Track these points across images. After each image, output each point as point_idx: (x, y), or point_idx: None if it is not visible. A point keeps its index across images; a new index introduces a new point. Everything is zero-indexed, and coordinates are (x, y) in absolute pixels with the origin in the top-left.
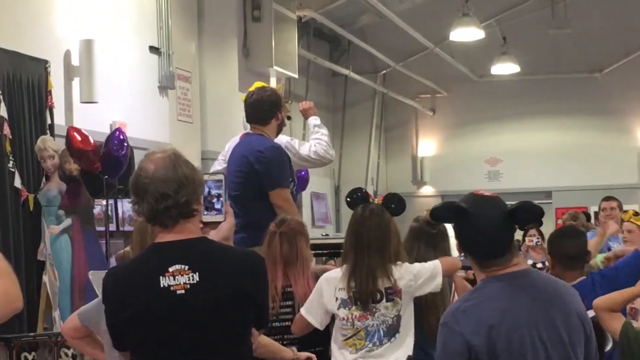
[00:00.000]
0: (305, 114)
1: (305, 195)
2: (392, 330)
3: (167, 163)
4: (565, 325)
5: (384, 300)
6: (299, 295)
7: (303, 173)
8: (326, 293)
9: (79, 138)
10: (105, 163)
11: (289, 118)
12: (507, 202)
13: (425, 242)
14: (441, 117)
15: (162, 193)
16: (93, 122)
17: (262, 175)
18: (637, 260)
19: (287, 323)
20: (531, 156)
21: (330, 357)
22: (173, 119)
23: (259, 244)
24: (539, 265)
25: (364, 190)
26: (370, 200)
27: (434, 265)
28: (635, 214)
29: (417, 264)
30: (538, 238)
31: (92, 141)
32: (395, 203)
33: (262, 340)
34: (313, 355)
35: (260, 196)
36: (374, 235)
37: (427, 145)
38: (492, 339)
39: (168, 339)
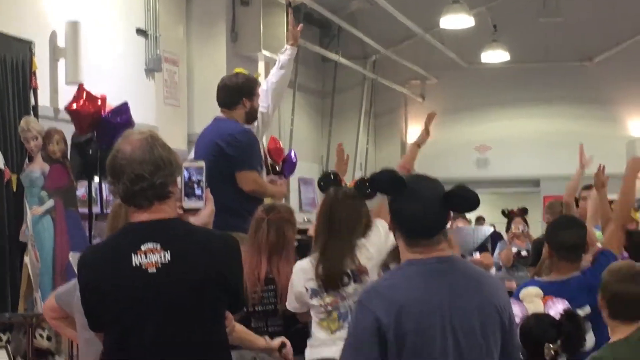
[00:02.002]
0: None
1: (293, 181)
2: None
3: (144, 145)
4: (479, 315)
5: (352, 282)
6: (282, 285)
7: (293, 159)
8: (296, 284)
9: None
10: (99, 129)
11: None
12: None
13: None
14: (431, 104)
15: (138, 174)
16: None
17: (233, 158)
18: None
19: (270, 307)
20: (520, 144)
21: None
22: (160, 102)
23: (227, 228)
24: (524, 253)
25: (336, 173)
26: (342, 184)
27: (383, 227)
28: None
29: (371, 237)
30: (524, 226)
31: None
32: (367, 187)
33: (236, 327)
34: (287, 341)
35: (230, 180)
36: (345, 218)
37: (416, 131)
38: (401, 320)
39: (139, 318)
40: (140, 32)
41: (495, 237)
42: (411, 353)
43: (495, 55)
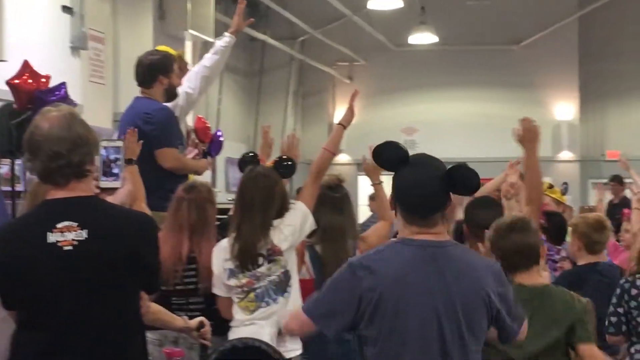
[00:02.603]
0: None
1: (220, 161)
2: (283, 285)
3: (62, 122)
4: (464, 303)
5: (266, 262)
6: (203, 264)
7: (220, 139)
8: (216, 265)
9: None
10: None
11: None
12: None
13: (332, 207)
14: (358, 85)
15: (56, 152)
16: (1, 81)
17: (151, 136)
18: None
19: (191, 286)
20: (447, 126)
21: None
22: (85, 80)
23: (148, 207)
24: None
25: (255, 154)
26: (261, 163)
27: (301, 209)
28: (550, 186)
29: (287, 218)
30: None
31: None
32: (286, 166)
33: (152, 308)
34: (205, 320)
35: (149, 159)
36: (258, 197)
37: (344, 113)
38: (383, 299)
39: (54, 296)
40: (65, 9)
41: None
42: (387, 330)
43: (423, 38)
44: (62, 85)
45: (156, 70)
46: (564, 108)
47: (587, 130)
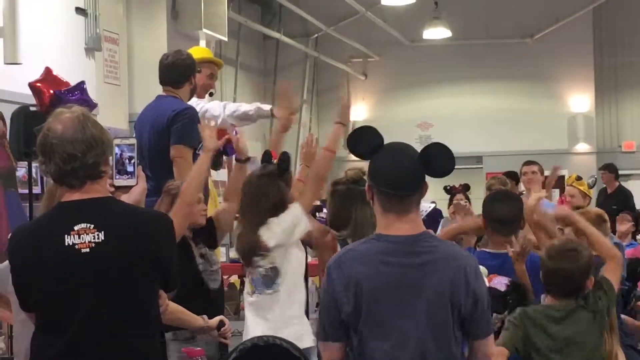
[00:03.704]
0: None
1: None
2: (269, 281)
3: (75, 124)
4: (432, 299)
5: (258, 256)
6: None
7: (235, 135)
8: None
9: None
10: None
11: (210, 94)
12: None
13: (361, 199)
14: (373, 82)
15: (70, 154)
16: (17, 84)
17: (173, 132)
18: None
19: None
20: (462, 121)
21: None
22: (100, 81)
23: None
24: None
25: (269, 152)
26: (273, 160)
27: (294, 211)
28: (578, 178)
29: (281, 217)
30: (465, 202)
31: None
32: (280, 165)
33: (171, 307)
34: (226, 319)
35: (170, 159)
36: (253, 196)
37: (359, 109)
38: (357, 293)
39: (72, 298)
40: (79, 10)
41: (437, 214)
42: (371, 323)
43: (436, 33)
44: (82, 83)
45: (189, 71)
46: (579, 100)
47: (602, 122)
